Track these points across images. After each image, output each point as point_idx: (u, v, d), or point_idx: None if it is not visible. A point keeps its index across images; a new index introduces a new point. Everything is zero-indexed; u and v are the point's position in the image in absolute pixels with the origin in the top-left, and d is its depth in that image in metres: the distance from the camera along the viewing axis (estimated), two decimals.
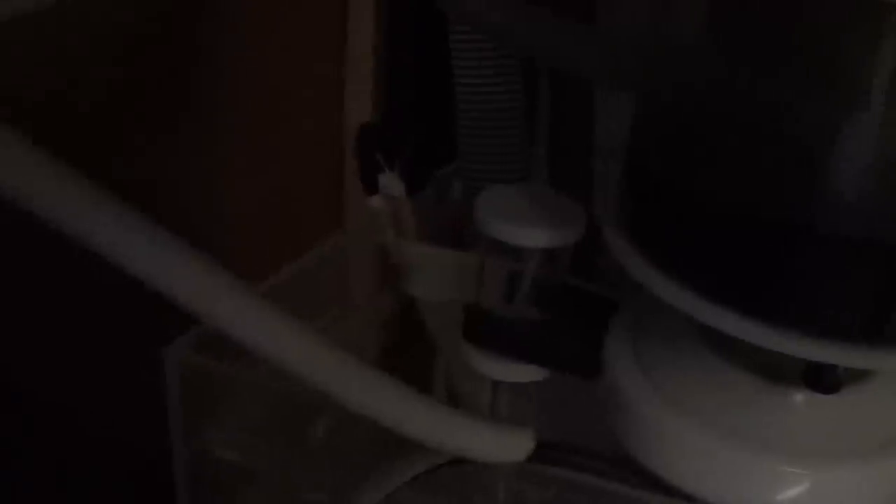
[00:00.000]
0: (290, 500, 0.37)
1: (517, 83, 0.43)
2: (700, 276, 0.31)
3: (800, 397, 0.33)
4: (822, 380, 0.31)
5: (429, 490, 0.32)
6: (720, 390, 0.33)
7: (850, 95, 0.28)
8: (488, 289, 0.37)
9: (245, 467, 0.37)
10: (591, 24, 0.42)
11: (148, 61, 0.44)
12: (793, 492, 0.32)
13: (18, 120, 0.23)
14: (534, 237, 0.35)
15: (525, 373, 0.37)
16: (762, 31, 0.29)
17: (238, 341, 0.25)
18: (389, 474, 0.31)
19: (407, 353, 0.43)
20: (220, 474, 0.37)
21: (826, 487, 0.32)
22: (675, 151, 0.32)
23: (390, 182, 0.40)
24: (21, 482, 0.43)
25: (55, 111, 0.38)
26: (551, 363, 0.37)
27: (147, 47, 0.44)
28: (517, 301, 0.37)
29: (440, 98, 0.44)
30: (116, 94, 0.42)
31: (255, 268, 0.39)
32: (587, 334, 0.36)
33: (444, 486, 0.32)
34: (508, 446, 0.31)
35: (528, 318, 0.37)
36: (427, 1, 0.39)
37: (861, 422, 0.34)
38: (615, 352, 0.35)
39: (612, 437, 0.35)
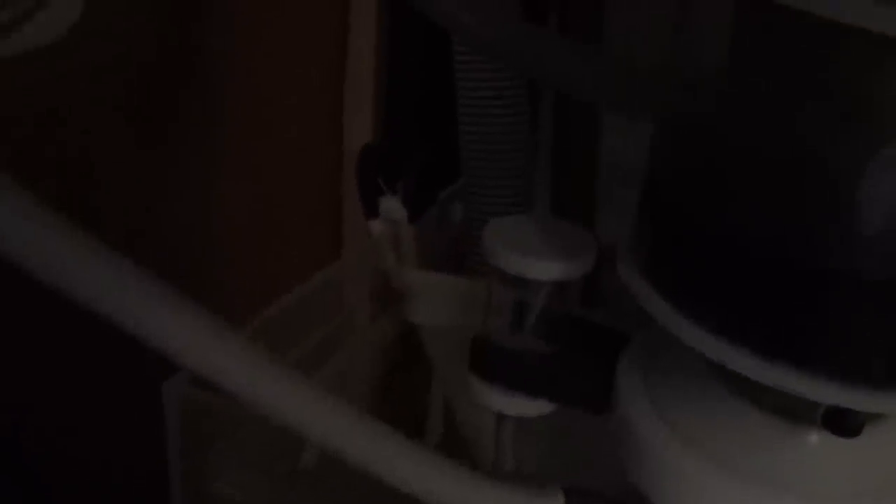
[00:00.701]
0: None
1: (521, 105, 0.43)
2: (718, 315, 0.30)
3: (816, 438, 0.32)
4: (845, 424, 0.30)
5: None
6: (735, 430, 0.32)
7: (878, 134, 0.27)
8: (495, 319, 0.37)
9: (240, 500, 0.36)
10: (599, 45, 0.41)
11: (147, 92, 0.43)
12: None
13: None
14: (544, 270, 0.35)
15: (531, 406, 0.36)
16: (786, 67, 0.28)
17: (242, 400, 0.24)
18: None
19: (405, 379, 0.42)
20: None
21: None
22: (695, 184, 0.31)
23: (391, 206, 0.39)
24: None
25: (48, 136, 0.37)
26: (559, 397, 0.36)
27: (146, 79, 0.43)
28: (525, 332, 0.36)
29: (442, 119, 0.43)
30: (114, 129, 0.41)
31: (255, 295, 0.38)
32: (596, 368, 0.35)
33: None
34: None
35: (536, 350, 0.36)
36: (429, 21, 0.39)
37: (878, 464, 0.33)
38: (626, 387, 0.34)
39: (614, 468, 0.34)
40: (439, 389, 0.43)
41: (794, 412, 0.32)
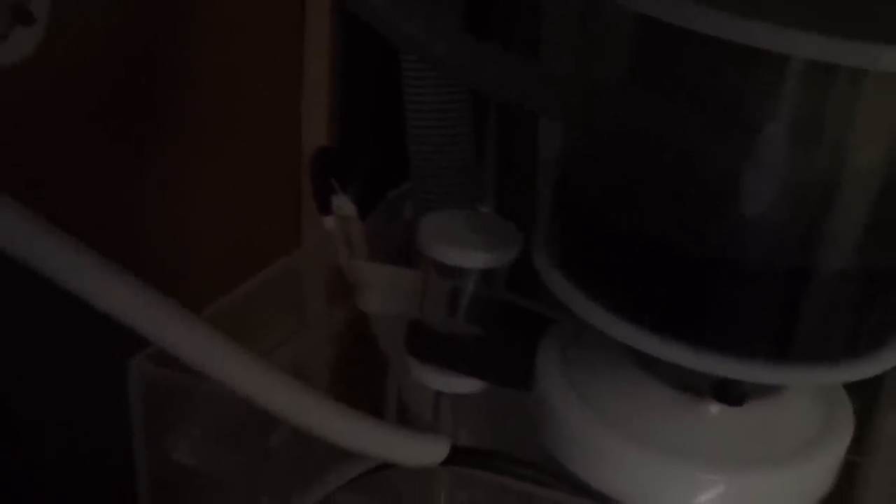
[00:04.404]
0: None
1: (465, 111, 0.46)
2: (619, 298, 0.33)
3: (715, 409, 0.35)
4: (729, 393, 0.34)
5: (366, 491, 0.35)
6: (641, 402, 0.36)
7: (752, 138, 0.30)
8: (430, 306, 0.40)
9: (204, 473, 0.39)
10: (535, 60, 0.44)
11: (118, 93, 0.46)
12: (708, 496, 0.34)
13: None
14: (471, 258, 0.38)
15: (464, 384, 0.40)
16: (669, 78, 0.32)
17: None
18: (328, 477, 0.34)
19: (361, 366, 0.45)
20: (180, 480, 0.39)
21: (739, 493, 0.35)
22: (597, 183, 0.34)
23: (342, 203, 0.42)
24: None
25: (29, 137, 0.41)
26: (487, 375, 0.39)
27: (118, 83, 0.46)
28: (458, 317, 0.39)
29: (393, 123, 0.46)
30: (85, 123, 0.44)
31: (216, 284, 0.41)
32: (521, 348, 0.38)
33: (382, 487, 0.35)
34: (424, 451, 0.33)
35: (467, 333, 0.39)
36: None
37: (771, 431, 0.36)
38: (545, 365, 0.37)
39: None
40: (393, 376, 0.46)
41: (697, 386, 0.36)
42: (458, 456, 0.34)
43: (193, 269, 0.32)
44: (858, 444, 0.38)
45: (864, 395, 0.40)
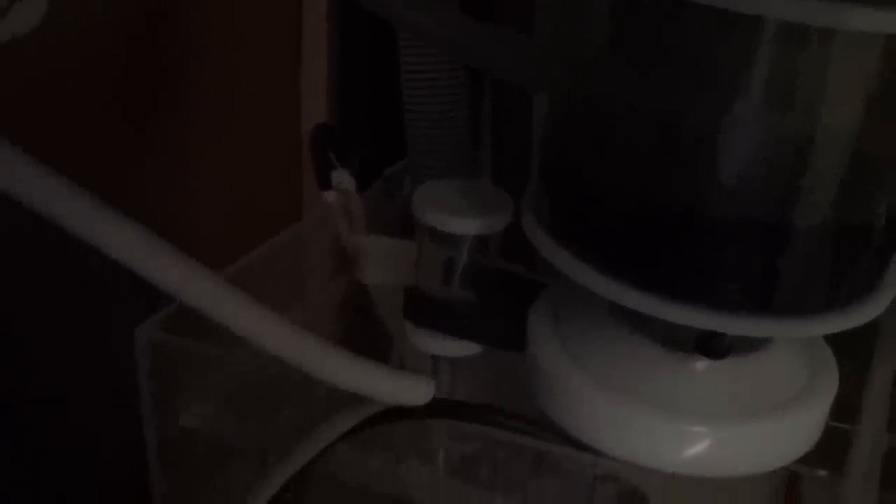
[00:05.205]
0: (256, 468, 0.41)
1: (460, 87, 0.47)
2: (605, 256, 0.34)
3: (701, 365, 0.36)
4: (712, 347, 0.35)
5: (367, 449, 0.36)
6: (629, 359, 0.37)
7: (726, 101, 0.31)
8: (426, 273, 0.41)
9: (212, 438, 0.41)
10: (527, 36, 0.45)
11: (122, 72, 0.48)
12: (694, 449, 0.35)
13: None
14: (465, 225, 0.39)
15: (460, 348, 0.41)
16: (652, 44, 0.33)
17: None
18: (321, 431, 0.35)
19: (361, 336, 0.47)
20: (188, 445, 0.40)
21: (725, 445, 0.36)
22: (581, 146, 0.35)
23: (342, 178, 0.44)
24: None
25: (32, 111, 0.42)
26: (482, 339, 0.41)
27: (121, 61, 0.47)
28: (452, 284, 0.41)
29: (391, 100, 0.47)
30: (92, 101, 0.46)
31: (220, 255, 0.42)
32: (514, 312, 0.39)
33: (383, 445, 0.36)
34: (410, 390, 0.35)
35: (462, 299, 0.41)
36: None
37: (757, 387, 0.37)
38: (536, 327, 0.38)
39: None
40: (396, 342, 0.47)
41: (683, 342, 0.37)
42: (448, 408, 0.35)
43: (197, 242, 0.33)
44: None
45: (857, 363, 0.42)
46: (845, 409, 0.39)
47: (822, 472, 0.37)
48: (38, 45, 0.35)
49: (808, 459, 0.37)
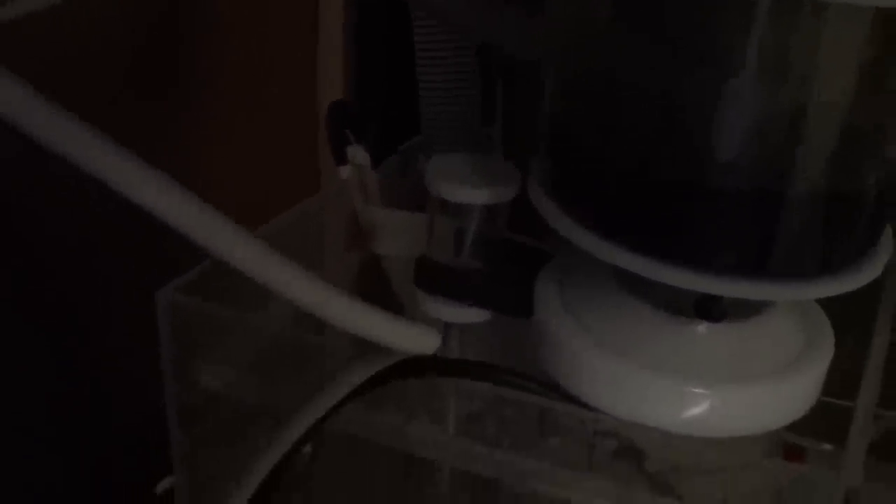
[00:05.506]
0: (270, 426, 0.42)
1: (473, 65, 0.48)
2: (607, 222, 0.36)
3: (701, 329, 0.38)
4: (711, 310, 0.36)
5: (379, 408, 0.38)
6: (632, 324, 0.38)
7: (723, 72, 0.33)
8: (438, 244, 0.43)
9: (231, 398, 0.42)
10: (538, 15, 0.47)
11: (144, 49, 0.49)
12: (692, 410, 0.37)
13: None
14: (474, 195, 0.41)
15: (469, 315, 0.42)
16: (652, 19, 0.34)
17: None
18: (335, 386, 0.37)
19: (376, 304, 0.48)
20: (207, 405, 0.42)
21: (723, 406, 0.37)
22: (583, 118, 0.37)
23: (357, 154, 0.45)
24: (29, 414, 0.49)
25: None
26: (491, 306, 0.42)
27: (142, 37, 0.49)
28: (462, 254, 0.42)
29: (406, 78, 0.49)
30: (109, 81, 0.47)
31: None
32: (521, 280, 0.41)
33: (390, 401, 0.38)
34: (417, 337, 0.37)
35: (472, 267, 0.42)
36: None
37: (754, 350, 0.38)
38: (543, 293, 0.40)
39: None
40: (408, 311, 0.48)
41: (679, 308, 0.38)
42: (457, 367, 0.37)
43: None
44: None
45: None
46: (848, 384, 0.40)
47: (827, 447, 0.38)
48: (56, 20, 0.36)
49: (812, 432, 0.38)
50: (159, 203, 0.31)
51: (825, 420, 0.39)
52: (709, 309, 0.36)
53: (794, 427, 0.38)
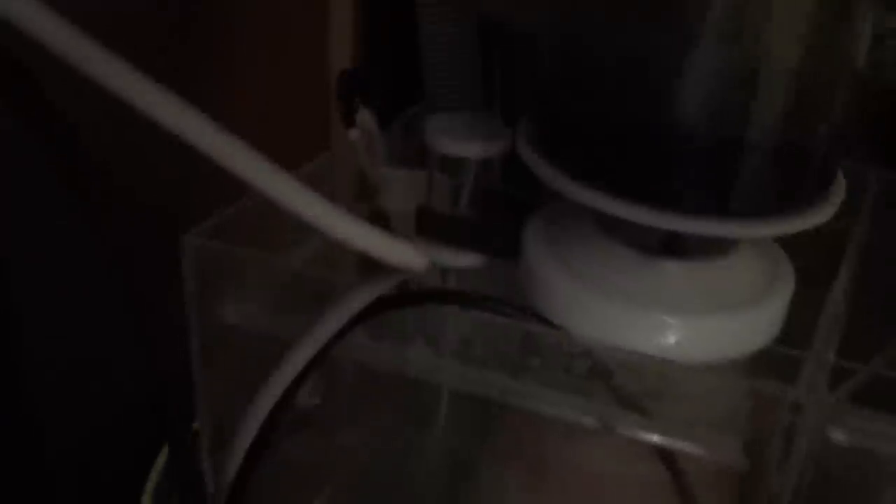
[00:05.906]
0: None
1: (472, 34, 0.52)
2: (584, 166, 0.40)
3: (670, 265, 0.41)
4: (675, 246, 0.40)
5: (381, 337, 0.42)
6: (609, 262, 0.42)
7: (682, 33, 0.37)
8: (437, 197, 0.47)
9: (252, 333, 0.45)
10: None
11: (156, 20, 0.54)
12: (666, 338, 0.40)
13: None
14: (470, 149, 0.45)
15: (465, 259, 0.46)
16: None
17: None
18: (334, 313, 0.41)
19: None
20: (229, 339, 0.45)
21: (694, 335, 0.40)
22: (562, 76, 0.41)
23: (365, 118, 0.49)
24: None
25: None
26: (484, 250, 0.46)
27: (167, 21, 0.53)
28: (460, 205, 0.46)
29: (411, 47, 0.52)
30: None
31: None
32: (512, 227, 0.44)
33: (389, 328, 0.42)
34: (406, 253, 0.41)
35: (468, 216, 0.46)
36: None
37: (723, 285, 0.42)
38: (531, 238, 0.43)
39: None
40: None
41: (651, 247, 0.42)
42: (450, 296, 0.41)
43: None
44: None
45: None
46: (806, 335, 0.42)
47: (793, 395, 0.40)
48: None
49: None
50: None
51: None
52: (673, 246, 0.40)
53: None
